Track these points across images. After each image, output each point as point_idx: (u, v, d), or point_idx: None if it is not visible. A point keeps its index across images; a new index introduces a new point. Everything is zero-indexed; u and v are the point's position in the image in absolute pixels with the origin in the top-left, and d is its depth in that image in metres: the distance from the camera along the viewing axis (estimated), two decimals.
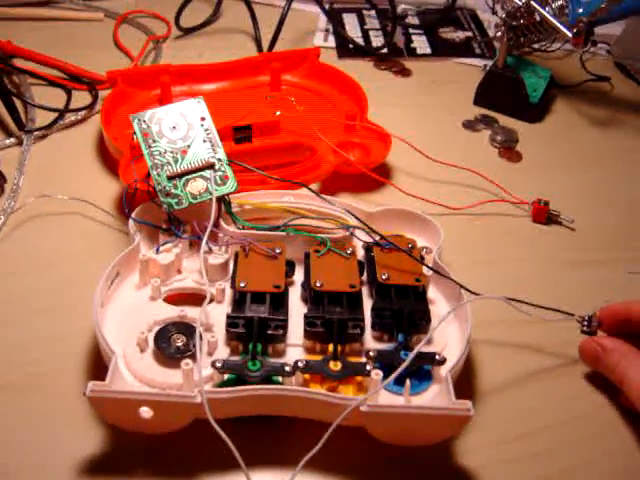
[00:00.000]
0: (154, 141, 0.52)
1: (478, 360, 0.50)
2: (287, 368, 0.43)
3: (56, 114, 0.68)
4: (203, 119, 0.53)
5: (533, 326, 0.50)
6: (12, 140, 0.66)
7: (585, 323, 0.51)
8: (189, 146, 0.52)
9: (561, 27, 0.71)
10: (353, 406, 0.40)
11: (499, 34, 0.75)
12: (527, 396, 0.49)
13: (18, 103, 0.69)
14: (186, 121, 0.53)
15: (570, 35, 0.71)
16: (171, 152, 0.52)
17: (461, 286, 0.48)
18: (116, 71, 0.69)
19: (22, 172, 0.62)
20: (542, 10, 0.72)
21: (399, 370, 0.41)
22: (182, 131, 0.53)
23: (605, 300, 0.52)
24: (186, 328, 0.46)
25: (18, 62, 0.76)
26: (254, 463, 0.41)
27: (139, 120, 0.53)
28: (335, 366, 0.44)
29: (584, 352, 0.49)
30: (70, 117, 0.69)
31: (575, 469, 0.45)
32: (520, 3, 0.73)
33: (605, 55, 0.89)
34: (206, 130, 0.53)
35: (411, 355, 0.42)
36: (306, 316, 0.47)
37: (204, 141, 0.52)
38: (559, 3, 0.73)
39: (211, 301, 0.49)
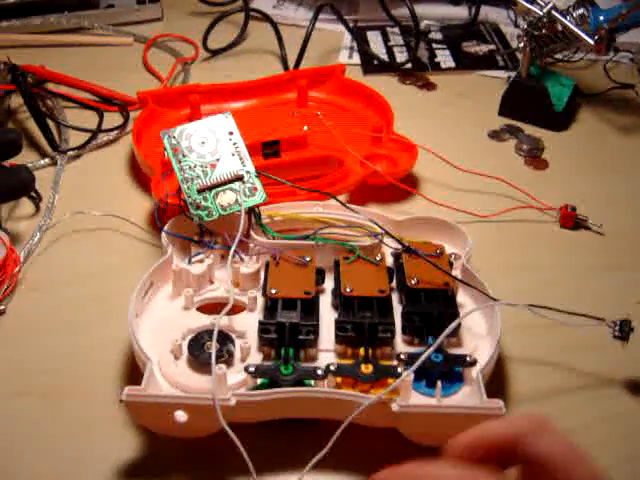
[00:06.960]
0: (184, 156, 0.53)
1: (507, 365, 0.50)
2: (319, 371, 0.43)
3: (89, 135, 0.70)
4: (231, 133, 0.54)
5: (562, 330, 0.50)
6: (47, 160, 0.68)
7: (617, 328, 0.50)
8: (218, 160, 0.53)
9: (583, 35, 0.71)
10: (367, 403, 0.41)
11: (521, 44, 0.76)
12: (556, 400, 0.48)
13: (52, 125, 0.71)
14: (215, 136, 0.54)
15: (592, 42, 0.71)
16: (201, 166, 0.53)
17: (485, 294, 0.49)
18: (146, 91, 0.71)
19: (56, 190, 0.63)
20: (563, 19, 0.72)
21: (421, 358, 0.42)
22: (211, 145, 0.54)
23: (636, 302, 0.52)
24: (219, 335, 0.47)
25: (51, 86, 0.78)
26: (283, 465, 0.43)
27: (169, 136, 0.54)
28: (366, 369, 0.44)
29: None
30: (102, 137, 0.71)
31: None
32: (541, 13, 0.73)
33: (629, 63, 0.89)
34: (234, 144, 0.54)
35: (434, 346, 0.42)
36: (337, 321, 0.47)
37: (232, 154, 0.53)
38: (580, 11, 0.73)
39: (243, 309, 0.49)
